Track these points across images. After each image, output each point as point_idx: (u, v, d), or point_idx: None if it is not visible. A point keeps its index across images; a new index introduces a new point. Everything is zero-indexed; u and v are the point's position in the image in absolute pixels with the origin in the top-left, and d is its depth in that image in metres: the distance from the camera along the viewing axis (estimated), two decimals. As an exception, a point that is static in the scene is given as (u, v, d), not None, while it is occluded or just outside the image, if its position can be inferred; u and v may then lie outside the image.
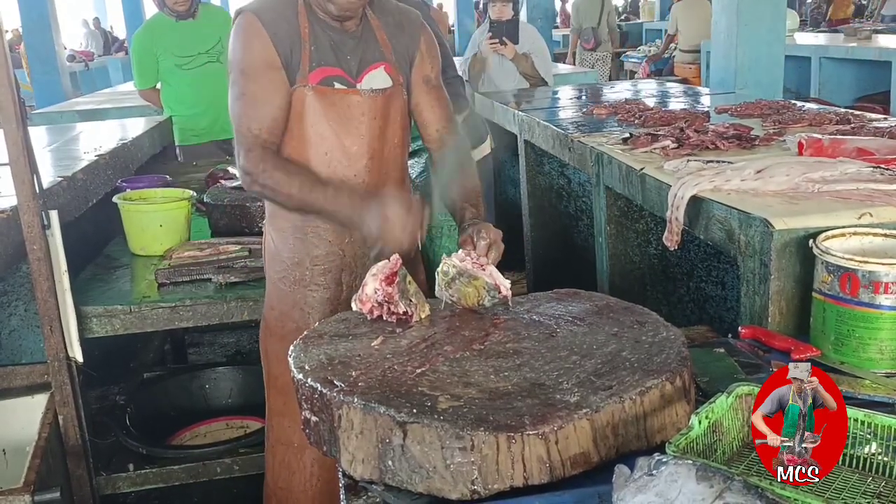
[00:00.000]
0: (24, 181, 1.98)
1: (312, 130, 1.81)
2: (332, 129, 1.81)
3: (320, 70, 1.80)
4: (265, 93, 1.77)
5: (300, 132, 1.81)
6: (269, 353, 2.03)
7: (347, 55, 1.82)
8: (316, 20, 1.81)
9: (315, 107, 1.79)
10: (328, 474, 1.97)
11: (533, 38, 4.75)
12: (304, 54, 1.78)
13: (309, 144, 1.82)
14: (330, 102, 1.80)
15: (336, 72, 1.81)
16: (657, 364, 1.23)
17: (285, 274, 1.95)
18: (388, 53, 1.86)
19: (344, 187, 1.78)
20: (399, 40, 1.88)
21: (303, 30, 1.79)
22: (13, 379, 2.20)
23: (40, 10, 9.04)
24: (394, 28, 1.88)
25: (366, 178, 1.86)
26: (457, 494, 1.08)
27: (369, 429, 1.13)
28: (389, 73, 1.86)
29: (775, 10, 4.29)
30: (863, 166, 1.94)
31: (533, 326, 1.42)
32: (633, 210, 2.72)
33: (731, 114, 3.20)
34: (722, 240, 1.83)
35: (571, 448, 1.10)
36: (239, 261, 2.41)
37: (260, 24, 1.77)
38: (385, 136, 1.87)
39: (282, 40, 1.77)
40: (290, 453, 2.00)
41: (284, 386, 1.99)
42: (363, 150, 1.84)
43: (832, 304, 1.49)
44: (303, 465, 1.99)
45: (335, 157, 1.83)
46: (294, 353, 1.36)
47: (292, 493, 2.01)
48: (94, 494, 2.24)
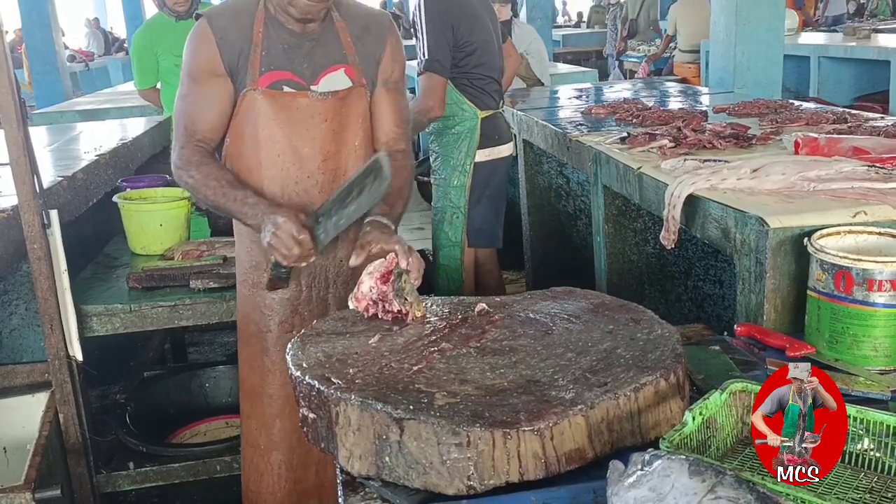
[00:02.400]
0: (24, 181, 1.99)
1: (263, 133, 1.83)
2: (282, 132, 1.83)
3: (270, 74, 1.82)
4: (205, 97, 1.83)
5: (252, 135, 1.84)
6: (238, 356, 2.06)
7: (302, 58, 1.84)
8: (273, 24, 1.83)
9: (265, 110, 1.82)
10: (295, 476, 1.99)
11: (530, 39, 4.77)
12: (255, 58, 1.81)
13: (261, 147, 1.84)
14: (279, 106, 1.82)
15: (286, 75, 1.83)
16: (652, 361, 1.24)
17: (245, 277, 1.98)
18: (350, 55, 1.87)
19: (253, 196, 1.77)
20: (364, 43, 1.89)
21: (256, 34, 1.82)
22: (14, 377, 2.21)
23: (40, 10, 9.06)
24: (359, 31, 1.89)
25: (320, 179, 1.87)
26: (453, 490, 1.09)
27: (366, 425, 1.15)
28: (350, 76, 1.87)
29: (774, 10, 4.30)
30: (858, 165, 1.95)
31: (529, 324, 1.43)
32: (631, 209, 2.73)
33: (729, 113, 3.21)
34: (718, 238, 1.84)
35: (566, 444, 1.11)
36: (213, 268, 2.42)
37: (210, 31, 1.81)
38: (342, 138, 1.87)
39: (229, 46, 1.81)
40: (258, 456, 2.02)
41: (250, 389, 2.02)
42: (315, 152, 1.85)
43: (827, 301, 1.51)
44: (270, 467, 2.00)
45: (287, 159, 1.84)
46: (292, 351, 1.37)
47: (261, 495, 2.03)
48: (94, 492, 2.25)
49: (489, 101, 3.12)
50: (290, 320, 1.94)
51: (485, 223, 3.20)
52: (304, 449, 1.95)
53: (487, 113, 3.09)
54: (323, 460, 1.99)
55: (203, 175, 1.79)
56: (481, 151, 3.09)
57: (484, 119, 3.07)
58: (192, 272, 2.38)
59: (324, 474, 2.01)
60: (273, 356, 1.95)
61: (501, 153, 3.19)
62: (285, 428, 1.97)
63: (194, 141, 1.83)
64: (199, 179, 1.79)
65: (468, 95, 3.05)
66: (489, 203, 3.18)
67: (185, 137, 1.83)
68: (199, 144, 1.83)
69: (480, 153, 3.09)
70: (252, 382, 2.02)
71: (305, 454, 1.98)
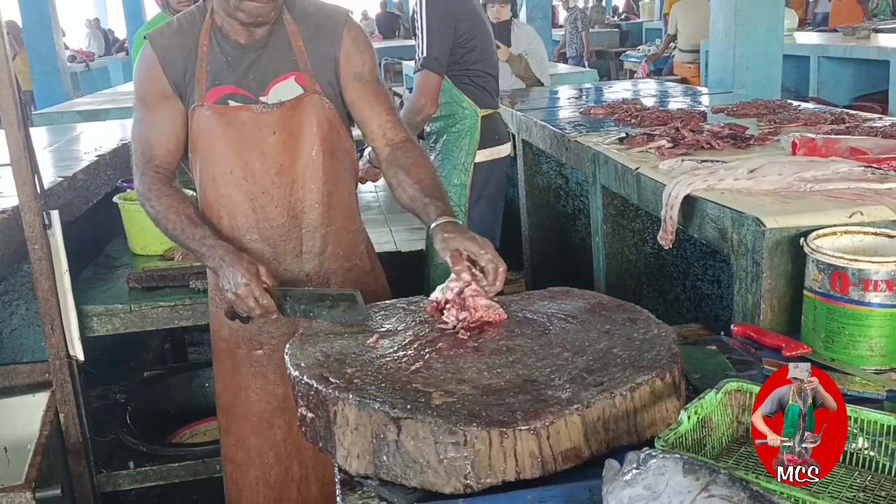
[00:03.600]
0: (25, 181, 2.00)
1: (213, 150, 1.78)
2: (231, 148, 1.77)
3: (216, 89, 1.76)
4: (157, 121, 1.79)
5: (203, 152, 1.79)
6: (214, 373, 2.03)
7: (246, 70, 1.76)
8: (218, 37, 1.76)
9: (212, 126, 1.76)
10: (275, 493, 1.96)
11: (530, 39, 4.77)
12: (201, 74, 1.76)
13: (212, 164, 1.80)
14: (225, 121, 1.76)
15: (231, 89, 1.76)
16: (648, 360, 1.25)
17: (213, 294, 1.94)
18: (301, 61, 1.77)
19: (211, 237, 1.72)
20: (317, 45, 1.79)
21: (200, 48, 1.76)
22: (14, 377, 2.22)
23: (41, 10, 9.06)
24: (313, 32, 1.79)
25: (275, 194, 1.80)
26: (450, 489, 1.10)
27: (364, 425, 1.15)
28: (301, 83, 1.78)
29: (773, 10, 4.31)
30: (855, 166, 1.96)
31: (526, 324, 1.44)
32: (630, 209, 2.73)
33: (728, 113, 3.22)
34: (715, 238, 1.85)
35: (563, 443, 1.12)
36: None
37: (153, 53, 1.77)
38: (295, 149, 1.78)
39: (173, 65, 1.76)
40: (237, 471, 2.00)
41: (224, 406, 2.00)
42: (267, 166, 1.78)
43: (823, 301, 1.51)
44: (249, 482, 1.97)
45: (239, 174, 1.78)
46: (290, 351, 1.37)
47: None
48: (94, 492, 2.26)
49: (488, 99, 3.12)
50: (258, 338, 1.89)
51: (483, 223, 3.20)
52: (281, 466, 1.93)
53: (487, 112, 3.10)
54: (305, 479, 1.96)
55: (164, 207, 1.75)
56: (481, 151, 3.09)
57: (484, 118, 3.08)
58: (192, 272, 2.39)
59: (307, 492, 1.97)
60: (243, 373, 1.92)
61: (501, 153, 3.19)
62: (260, 445, 1.94)
63: (152, 167, 1.78)
64: (160, 211, 1.76)
65: (468, 93, 3.05)
66: (487, 203, 3.18)
67: (144, 164, 1.79)
68: (157, 171, 1.79)
69: (480, 153, 3.09)
70: (226, 399, 1.99)
71: (284, 472, 1.95)
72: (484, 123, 3.08)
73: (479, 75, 3.07)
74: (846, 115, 2.93)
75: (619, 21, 17.44)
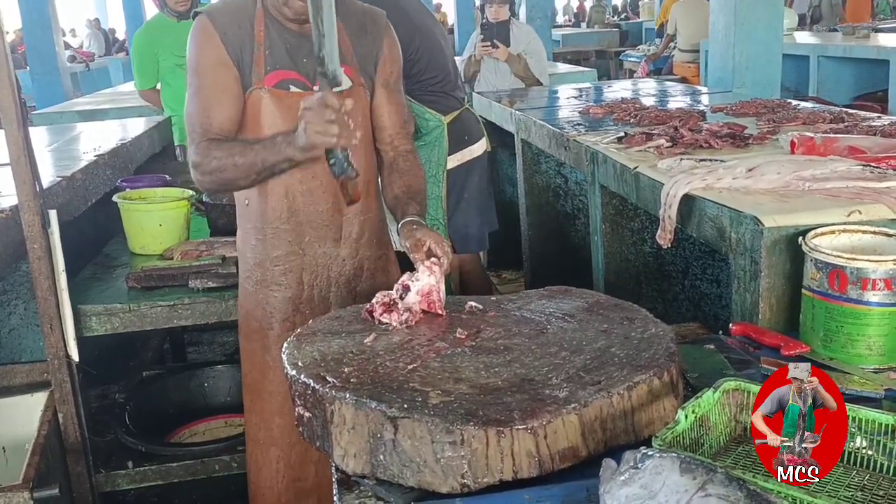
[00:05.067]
0: (24, 181, 2.00)
1: (269, 132, 1.81)
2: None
3: (276, 73, 1.82)
4: (217, 91, 1.81)
5: (258, 133, 1.83)
6: (241, 352, 2.08)
7: (304, 58, 1.83)
8: (273, 24, 1.83)
9: (271, 110, 1.82)
10: (293, 473, 2.01)
11: (529, 38, 4.76)
12: (259, 57, 1.81)
13: None
14: (286, 106, 1.81)
15: (292, 75, 1.83)
16: (645, 359, 1.25)
17: (249, 274, 1.99)
18: (348, 56, 1.86)
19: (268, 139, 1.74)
20: (362, 42, 1.89)
21: (257, 33, 1.81)
22: (13, 377, 2.22)
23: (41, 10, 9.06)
24: (356, 30, 1.89)
25: (323, 179, 1.86)
26: (447, 488, 1.10)
27: (361, 424, 1.15)
28: (349, 75, 1.86)
29: (773, 10, 4.30)
30: (853, 164, 1.96)
31: (523, 323, 1.44)
32: (628, 208, 2.73)
33: (727, 113, 3.22)
34: (713, 237, 1.85)
35: (560, 442, 1.11)
36: (212, 268, 2.42)
37: (211, 26, 1.81)
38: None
39: (232, 42, 1.80)
40: (258, 449, 2.05)
41: (251, 384, 2.04)
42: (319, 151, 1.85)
43: (821, 300, 1.51)
44: (268, 461, 2.03)
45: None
46: (287, 350, 1.37)
47: (260, 488, 2.05)
48: (93, 492, 2.26)
49: (450, 102, 3.07)
50: (292, 318, 1.94)
51: (469, 227, 3.16)
52: (302, 447, 1.96)
53: (452, 116, 3.05)
54: (323, 460, 1.99)
55: (222, 150, 1.76)
56: (451, 157, 3.04)
57: (450, 123, 3.04)
58: (191, 272, 2.39)
59: (323, 474, 2.02)
60: (274, 353, 1.96)
61: (473, 153, 3.15)
62: (284, 425, 1.98)
63: (209, 136, 1.80)
64: (221, 156, 1.76)
65: (427, 103, 2.99)
66: (469, 206, 3.14)
67: (201, 135, 1.80)
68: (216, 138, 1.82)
69: (451, 159, 3.04)
70: (253, 378, 2.03)
71: (304, 452, 1.99)
72: (451, 129, 3.04)
73: (434, 81, 3.00)
74: (845, 114, 2.93)
75: (619, 21, 17.45)
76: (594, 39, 13.90)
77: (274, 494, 2.03)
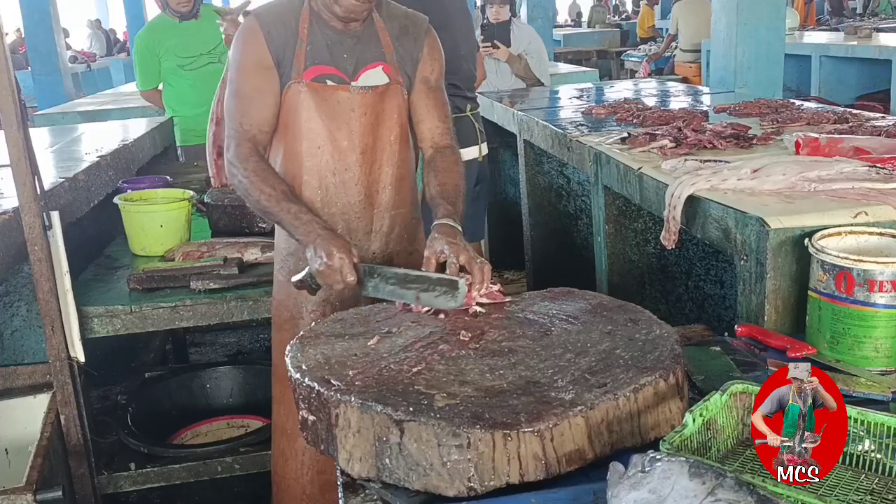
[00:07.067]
0: (25, 182, 2.00)
1: (306, 125, 1.89)
2: (323, 124, 1.89)
3: (315, 68, 1.89)
4: (257, 91, 1.89)
5: (295, 126, 1.90)
6: (272, 342, 2.10)
7: (344, 54, 1.91)
8: (318, 22, 1.90)
9: (308, 102, 1.88)
10: (319, 465, 2.01)
11: (530, 38, 4.75)
12: (300, 53, 1.88)
13: (302, 138, 1.90)
14: (322, 98, 1.89)
15: (330, 70, 1.90)
16: (651, 361, 1.24)
17: (282, 264, 2.02)
18: (388, 54, 1.94)
19: (307, 213, 1.79)
20: (403, 43, 1.96)
21: (301, 30, 1.89)
22: (15, 379, 2.22)
23: (42, 11, 9.05)
24: (398, 32, 1.96)
25: (356, 171, 1.93)
26: (454, 492, 1.09)
27: (366, 427, 1.15)
28: (387, 73, 1.94)
29: (775, 9, 4.29)
30: (859, 165, 1.95)
31: (528, 325, 1.43)
32: (632, 209, 2.73)
33: (730, 113, 3.21)
34: (719, 239, 1.84)
35: (566, 445, 1.11)
36: (214, 269, 2.42)
37: (258, 26, 1.89)
38: (378, 132, 1.94)
39: (276, 40, 1.88)
40: (284, 440, 2.06)
41: (281, 375, 2.04)
42: (354, 144, 1.92)
43: (828, 302, 1.50)
44: (295, 452, 2.04)
45: (326, 150, 1.91)
46: (291, 353, 1.37)
47: (286, 479, 2.06)
48: (95, 493, 2.25)
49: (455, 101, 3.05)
50: (323, 310, 1.96)
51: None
52: None
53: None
54: None
55: (259, 179, 1.81)
56: None
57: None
58: (193, 273, 2.39)
59: None
60: None
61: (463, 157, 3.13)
62: None
63: (249, 137, 1.87)
64: (254, 181, 1.81)
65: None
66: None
67: (239, 134, 1.87)
68: (252, 142, 1.87)
69: None
70: (283, 368, 2.01)
71: None
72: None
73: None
74: (849, 114, 2.92)
75: (620, 21, 17.44)
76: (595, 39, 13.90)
77: (299, 486, 2.04)
